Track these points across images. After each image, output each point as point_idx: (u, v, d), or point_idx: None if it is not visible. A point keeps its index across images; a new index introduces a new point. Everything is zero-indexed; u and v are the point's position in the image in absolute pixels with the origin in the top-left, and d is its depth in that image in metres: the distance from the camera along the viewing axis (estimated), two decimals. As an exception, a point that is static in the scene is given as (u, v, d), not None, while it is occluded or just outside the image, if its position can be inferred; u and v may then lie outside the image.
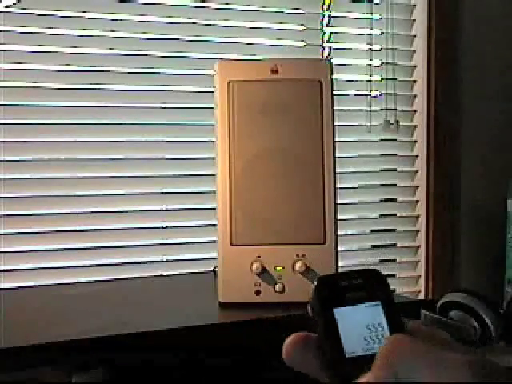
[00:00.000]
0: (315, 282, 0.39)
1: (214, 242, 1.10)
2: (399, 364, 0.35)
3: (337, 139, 1.09)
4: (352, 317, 0.38)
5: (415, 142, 1.85)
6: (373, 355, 0.36)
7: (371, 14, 1.76)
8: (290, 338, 0.38)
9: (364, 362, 0.36)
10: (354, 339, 0.37)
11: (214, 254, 1.11)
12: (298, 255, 1.04)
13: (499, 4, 1.89)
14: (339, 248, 1.06)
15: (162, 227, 1.59)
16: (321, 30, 1.73)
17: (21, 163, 1.47)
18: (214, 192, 1.09)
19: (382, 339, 0.38)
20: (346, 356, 0.37)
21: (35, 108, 1.47)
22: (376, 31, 1.77)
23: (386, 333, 0.38)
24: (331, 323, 0.37)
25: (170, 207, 1.60)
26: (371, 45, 1.76)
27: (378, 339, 0.38)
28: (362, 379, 0.35)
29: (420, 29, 1.83)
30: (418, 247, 1.85)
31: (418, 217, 1.85)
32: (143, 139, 1.57)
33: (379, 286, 0.39)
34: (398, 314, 0.39)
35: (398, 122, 1.79)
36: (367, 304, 0.38)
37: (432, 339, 0.38)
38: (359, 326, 0.38)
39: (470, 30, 1.85)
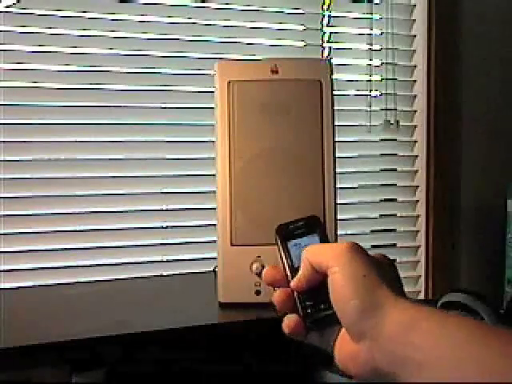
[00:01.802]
0: (275, 228, 0.65)
1: (214, 242, 1.10)
2: (308, 255, 0.59)
3: (337, 139, 1.09)
4: (299, 244, 0.63)
5: (415, 142, 1.85)
6: None
7: (371, 13, 1.76)
8: (265, 269, 0.66)
9: None
10: (299, 256, 0.61)
11: (214, 254, 1.11)
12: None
13: (499, 4, 1.89)
14: (339, 248, 1.06)
15: (162, 227, 1.59)
16: (321, 30, 1.73)
17: (21, 163, 1.47)
18: (214, 192, 1.09)
19: None
20: (295, 266, 0.61)
21: (35, 108, 1.47)
22: (376, 31, 1.77)
23: None
24: (286, 250, 0.63)
25: (170, 207, 1.60)
26: (371, 45, 1.76)
27: None
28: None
29: (420, 29, 1.83)
30: (418, 247, 1.85)
31: (418, 217, 1.85)
32: (143, 139, 1.57)
33: (316, 224, 0.64)
34: (328, 240, 0.63)
35: (398, 121, 1.79)
36: (308, 236, 0.63)
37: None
38: (303, 248, 0.61)
39: (470, 30, 1.85)
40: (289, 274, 0.61)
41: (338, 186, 1.09)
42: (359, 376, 0.55)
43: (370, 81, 1.76)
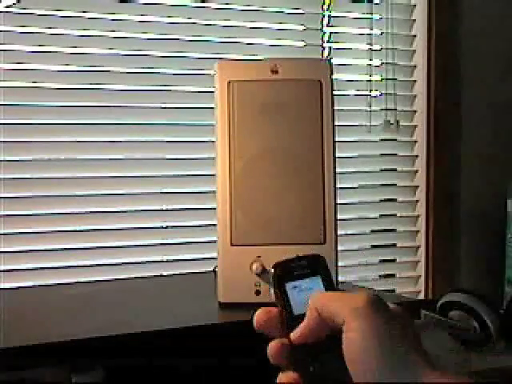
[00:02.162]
0: (272, 265, 0.55)
1: (214, 242, 1.10)
2: (318, 304, 0.50)
3: (337, 139, 1.09)
4: (299, 287, 0.53)
5: (415, 142, 1.85)
6: None
7: (371, 13, 1.76)
8: (257, 311, 0.54)
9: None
10: (300, 303, 0.52)
11: (214, 254, 1.11)
12: (298, 255, 1.04)
13: (499, 3, 1.89)
14: (339, 248, 1.06)
15: (162, 227, 1.59)
16: (321, 30, 1.73)
17: (21, 163, 1.47)
18: (214, 192, 1.09)
19: None
20: (294, 314, 0.52)
21: (35, 108, 1.47)
22: (376, 31, 1.77)
23: None
24: (284, 293, 0.53)
25: (170, 207, 1.60)
26: (371, 45, 1.76)
27: None
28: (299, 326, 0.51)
29: (420, 29, 1.83)
30: (418, 247, 1.85)
31: (418, 217, 1.85)
32: (143, 139, 1.57)
33: (319, 265, 0.55)
34: (333, 284, 0.54)
35: (398, 121, 1.79)
36: (311, 278, 0.54)
37: None
38: (304, 293, 0.53)
39: (471, 30, 1.85)
40: (286, 321, 0.52)
41: (338, 186, 1.09)
42: None
43: (370, 81, 1.76)
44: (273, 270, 0.55)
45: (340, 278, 1.07)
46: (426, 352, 0.49)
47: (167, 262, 1.59)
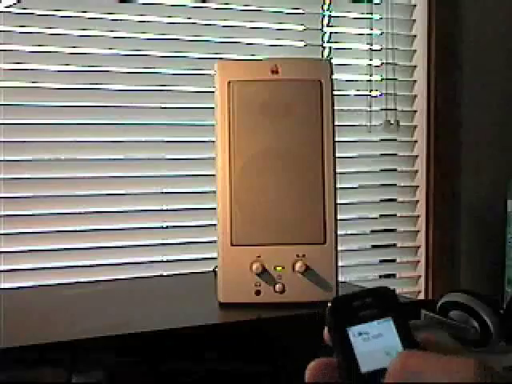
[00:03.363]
0: (329, 304, 0.42)
1: (214, 242, 1.10)
2: (410, 368, 0.38)
3: (337, 139, 1.09)
4: (365, 334, 0.41)
5: (415, 142, 1.85)
6: (385, 369, 0.39)
7: (371, 13, 1.76)
8: (312, 363, 0.41)
9: (378, 377, 0.39)
10: (367, 355, 0.40)
11: (214, 254, 1.11)
12: (298, 255, 1.04)
13: (499, 4, 1.89)
14: (339, 248, 1.06)
15: (162, 227, 1.59)
16: (321, 29, 1.73)
17: (21, 163, 1.47)
18: (214, 192, 1.09)
19: (394, 354, 0.40)
20: (362, 371, 0.40)
21: (35, 108, 1.47)
22: (376, 31, 1.77)
23: (399, 347, 0.41)
24: (346, 342, 0.40)
25: (170, 207, 1.60)
26: (371, 45, 1.76)
27: (390, 354, 0.40)
28: None
29: (420, 29, 1.83)
30: (418, 247, 1.85)
31: (418, 217, 1.85)
32: (143, 139, 1.57)
33: (390, 302, 0.42)
34: (409, 329, 0.42)
35: (398, 121, 1.79)
36: (379, 320, 0.41)
37: (444, 349, 0.40)
38: (372, 342, 0.41)
39: (471, 30, 1.85)
40: (353, 382, 0.40)
41: (338, 186, 1.09)
42: None
43: (370, 81, 1.76)
44: (329, 309, 0.42)
45: (340, 278, 1.07)
46: None
47: (167, 262, 1.59)
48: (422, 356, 0.39)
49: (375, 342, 0.41)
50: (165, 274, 1.54)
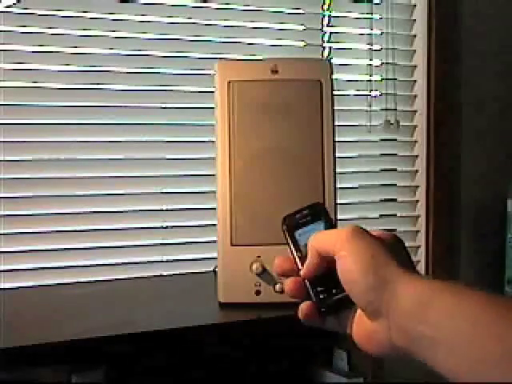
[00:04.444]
0: (282, 219, 0.64)
1: (214, 242, 1.11)
2: (314, 242, 0.59)
3: (337, 139, 1.09)
4: (305, 232, 0.63)
5: (415, 142, 1.85)
6: None
7: (371, 13, 1.76)
8: (276, 259, 0.64)
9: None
10: (306, 243, 0.61)
11: (214, 254, 1.11)
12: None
13: (499, 3, 1.89)
14: (339, 248, 1.06)
15: (162, 227, 1.59)
16: (321, 29, 1.73)
17: (21, 163, 1.47)
18: (214, 192, 1.09)
19: None
20: (304, 255, 0.61)
21: (35, 108, 1.47)
22: (376, 31, 1.77)
23: None
24: (294, 239, 0.63)
25: (169, 207, 1.60)
26: (371, 45, 1.76)
27: None
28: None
29: (420, 29, 1.83)
30: (418, 247, 1.85)
31: (418, 217, 1.85)
32: (143, 139, 1.57)
33: (320, 211, 0.64)
34: (333, 225, 0.63)
35: (398, 121, 1.79)
36: (314, 223, 0.63)
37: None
38: (310, 235, 0.61)
39: (471, 30, 1.85)
40: (298, 263, 0.61)
41: (338, 186, 1.09)
42: (378, 354, 0.56)
43: (370, 81, 1.76)
44: (282, 223, 0.64)
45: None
46: (410, 262, 0.57)
47: (167, 261, 1.59)
48: (320, 232, 0.61)
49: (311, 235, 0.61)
50: (165, 273, 1.54)
